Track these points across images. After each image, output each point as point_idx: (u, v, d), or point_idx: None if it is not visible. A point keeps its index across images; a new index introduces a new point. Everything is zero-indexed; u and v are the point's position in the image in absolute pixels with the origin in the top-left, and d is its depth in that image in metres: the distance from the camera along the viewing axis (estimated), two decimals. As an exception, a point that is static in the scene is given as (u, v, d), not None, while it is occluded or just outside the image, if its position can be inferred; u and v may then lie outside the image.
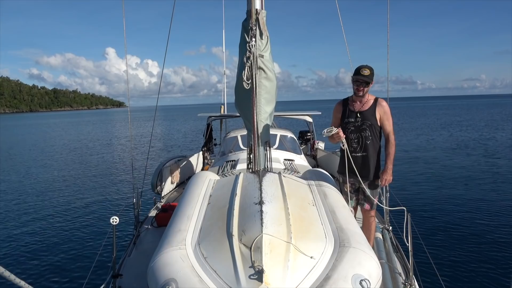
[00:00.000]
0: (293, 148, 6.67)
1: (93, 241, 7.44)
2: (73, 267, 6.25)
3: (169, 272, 1.95)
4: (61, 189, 12.21)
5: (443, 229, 7.65)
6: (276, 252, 1.91)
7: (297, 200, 2.56)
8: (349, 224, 2.36)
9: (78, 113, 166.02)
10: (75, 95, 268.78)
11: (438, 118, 46.21)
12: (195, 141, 25.46)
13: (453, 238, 7.17)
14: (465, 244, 6.86)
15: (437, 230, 7.59)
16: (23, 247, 7.22)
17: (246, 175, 2.96)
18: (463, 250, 6.59)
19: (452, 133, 27.78)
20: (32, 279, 5.84)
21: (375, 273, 1.99)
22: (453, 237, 7.22)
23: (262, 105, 3.52)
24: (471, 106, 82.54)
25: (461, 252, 6.51)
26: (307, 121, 9.11)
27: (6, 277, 1.41)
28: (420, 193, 10.60)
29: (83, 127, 51.13)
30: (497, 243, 6.84)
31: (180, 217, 2.53)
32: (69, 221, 8.80)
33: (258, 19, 3.38)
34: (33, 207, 10.11)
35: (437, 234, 7.36)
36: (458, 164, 15.27)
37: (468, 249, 6.65)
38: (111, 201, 10.59)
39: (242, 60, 3.40)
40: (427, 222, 8.01)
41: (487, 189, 10.87)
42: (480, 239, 7.08)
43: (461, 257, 6.31)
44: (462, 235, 7.32)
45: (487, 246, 6.73)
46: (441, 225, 7.85)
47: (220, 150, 7.11)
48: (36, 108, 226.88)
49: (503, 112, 53.99)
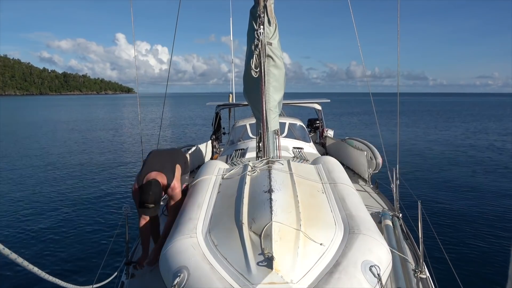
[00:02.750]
0: (302, 136, 6.65)
1: (106, 229, 7.57)
2: (87, 255, 6.39)
3: (180, 260, 1.98)
4: (74, 179, 12.37)
5: (453, 216, 7.60)
6: (286, 240, 1.92)
7: (306, 188, 2.57)
8: (358, 211, 2.36)
9: (87, 97, 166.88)
10: (84, 79, 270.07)
11: (448, 113, 45.63)
12: (203, 130, 25.55)
13: (463, 225, 7.13)
14: (475, 231, 6.82)
15: (447, 217, 7.55)
16: (38, 236, 7.38)
17: (255, 164, 2.97)
18: (474, 237, 6.55)
19: (462, 125, 27.39)
20: (47, 267, 5.99)
21: (385, 259, 1.99)
22: (463, 224, 7.18)
23: (271, 93, 3.50)
24: (484, 103, 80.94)
25: (472, 239, 6.47)
26: (316, 109, 9.05)
27: (24, 267, 1.44)
28: (430, 181, 10.53)
29: (94, 113, 51.43)
30: (508, 230, 6.79)
31: (191, 206, 2.56)
32: (83, 209, 8.94)
33: (266, 6, 3.34)
34: (46, 196, 10.29)
35: (447, 221, 7.32)
36: (469, 152, 15.09)
37: (479, 235, 6.61)
38: (123, 190, 10.72)
39: (250, 48, 3.37)
40: (437, 209, 7.96)
41: (497, 177, 10.75)
42: (491, 226, 7.03)
43: (471, 244, 6.28)
44: (472, 222, 7.28)
45: (498, 233, 6.68)
46: (451, 212, 7.81)
47: (229, 139, 7.12)
48: (46, 91, 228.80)
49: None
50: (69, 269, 5.94)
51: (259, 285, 1.72)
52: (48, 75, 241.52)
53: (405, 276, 2.75)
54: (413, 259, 3.15)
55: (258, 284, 1.72)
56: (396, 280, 2.62)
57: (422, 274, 2.86)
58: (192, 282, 1.84)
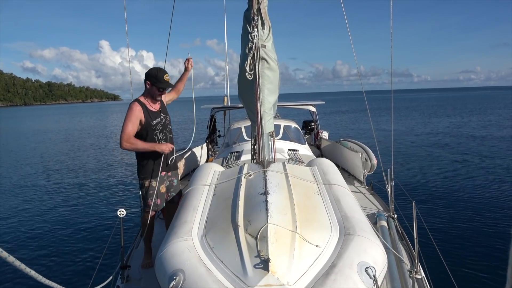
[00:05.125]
0: (297, 138, 6.66)
1: (102, 233, 7.52)
2: (82, 259, 6.34)
3: (176, 263, 1.98)
4: (68, 183, 12.31)
5: (448, 216, 7.65)
6: (281, 241, 1.92)
7: (301, 190, 2.57)
8: (354, 213, 2.37)
9: (73, 106, 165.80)
10: (69, 88, 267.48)
11: (436, 108, 46.16)
12: (198, 133, 25.48)
13: (458, 225, 7.17)
14: (470, 231, 6.87)
15: (442, 217, 7.59)
16: (33, 239, 7.32)
17: (251, 166, 2.97)
18: (468, 237, 6.59)
19: (455, 123, 27.62)
20: (42, 270, 5.94)
21: (381, 260, 2.00)
22: (458, 224, 7.22)
23: (266, 95, 3.51)
24: (467, 98, 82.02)
25: (466, 239, 6.51)
26: (310, 111, 9.08)
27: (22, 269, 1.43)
28: (425, 181, 10.58)
29: (85, 119, 51.23)
30: (503, 229, 6.84)
31: (186, 209, 2.55)
32: (78, 213, 8.89)
33: (260, 9, 3.35)
34: (41, 200, 10.22)
35: (441, 221, 7.36)
36: (463, 151, 15.20)
37: (474, 235, 6.65)
38: (118, 193, 10.67)
39: (244, 51, 3.38)
40: (432, 210, 8.01)
41: (492, 177, 10.83)
42: (485, 226, 7.08)
43: (466, 244, 6.32)
44: (466, 222, 7.32)
45: (492, 233, 6.73)
46: (445, 212, 7.85)
47: (224, 142, 7.12)
48: (30, 101, 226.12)
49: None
50: (64, 272, 5.90)
51: (255, 287, 1.72)
52: (32, 85, 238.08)
53: (400, 276, 2.76)
54: (408, 259, 3.16)
55: (254, 286, 1.72)
56: (391, 281, 2.63)
57: (417, 275, 2.87)
58: (188, 285, 1.84)
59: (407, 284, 2.67)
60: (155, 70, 3.35)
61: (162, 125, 3.42)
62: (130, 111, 3.22)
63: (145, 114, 3.26)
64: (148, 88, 3.36)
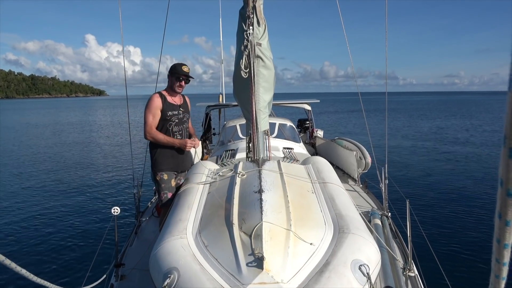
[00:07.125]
0: (292, 136, 6.67)
1: (96, 231, 7.49)
2: (76, 257, 6.31)
3: (170, 261, 1.98)
4: (62, 181, 12.22)
5: (441, 214, 7.71)
6: (276, 240, 1.93)
7: (296, 188, 2.58)
8: (348, 211, 2.38)
9: (57, 100, 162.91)
10: (54, 82, 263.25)
11: (424, 111, 46.63)
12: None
13: (451, 223, 7.23)
14: (462, 229, 6.93)
15: (435, 215, 7.65)
16: (26, 238, 7.27)
17: (246, 164, 2.97)
18: (461, 235, 6.65)
19: (447, 124, 27.80)
20: (35, 270, 5.90)
21: (374, 258, 2.01)
22: (451, 222, 7.28)
23: (261, 93, 3.51)
24: (452, 102, 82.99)
25: (459, 237, 6.57)
26: (305, 109, 9.09)
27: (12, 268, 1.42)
28: (418, 180, 10.65)
29: (79, 116, 50.96)
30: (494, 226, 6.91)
31: (181, 207, 2.55)
32: (71, 212, 8.83)
33: (255, 7, 3.34)
34: (34, 198, 10.14)
35: (435, 219, 7.43)
36: (457, 151, 15.31)
37: (466, 234, 6.72)
38: (112, 191, 10.62)
39: (240, 49, 3.37)
40: (425, 208, 8.07)
41: (486, 176, 10.93)
42: (477, 223, 7.15)
43: (459, 242, 6.38)
44: (459, 220, 7.39)
45: (485, 230, 6.80)
46: (439, 210, 7.92)
47: (219, 140, 7.11)
48: (13, 94, 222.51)
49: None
50: (58, 271, 5.87)
51: (250, 285, 1.72)
52: (14, 78, 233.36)
53: (394, 274, 2.78)
54: (402, 257, 3.19)
55: (248, 284, 1.72)
56: (385, 279, 2.65)
57: (410, 272, 2.89)
58: (182, 283, 1.83)
59: (400, 282, 2.69)
60: (175, 64, 3.56)
61: (178, 119, 3.53)
62: (150, 102, 3.44)
63: (163, 104, 3.45)
64: (169, 80, 3.56)
